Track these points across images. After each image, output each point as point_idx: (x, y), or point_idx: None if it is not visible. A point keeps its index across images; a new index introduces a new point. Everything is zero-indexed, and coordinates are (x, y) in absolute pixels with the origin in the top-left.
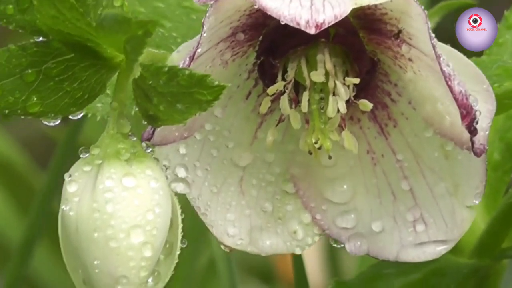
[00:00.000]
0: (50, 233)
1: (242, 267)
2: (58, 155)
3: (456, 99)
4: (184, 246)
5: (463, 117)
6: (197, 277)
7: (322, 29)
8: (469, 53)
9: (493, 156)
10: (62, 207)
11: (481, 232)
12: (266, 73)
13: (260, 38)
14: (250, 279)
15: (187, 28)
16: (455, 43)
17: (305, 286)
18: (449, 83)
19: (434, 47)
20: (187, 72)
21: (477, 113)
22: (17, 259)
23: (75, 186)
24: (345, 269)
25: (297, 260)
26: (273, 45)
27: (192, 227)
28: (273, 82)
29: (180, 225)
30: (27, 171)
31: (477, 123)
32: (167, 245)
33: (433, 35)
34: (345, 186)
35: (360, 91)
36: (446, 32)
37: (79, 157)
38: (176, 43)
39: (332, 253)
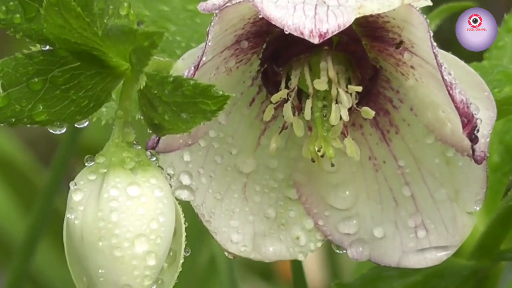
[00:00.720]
0: (52, 230)
1: (242, 264)
2: (61, 154)
3: (457, 108)
4: (188, 254)
5: (464, 126)
6: (198, 274)
7: (325, 38)
8: (470, 55)
9: (492, 158)
10: (68, 215)
11: (480, 234)
12: (269, 80)
13: (264, 45)
14: (250, 276)
15: (191, 31)
16: (454, 44)
17: (303, 283)
18: (451, 91)
19: (436, 56)
20: (192, 82)
21: (478, 121)
22: (20, 256)
23: (80, 194)
24: (343, 267)
25: (296, 260)
26: (277, 53)
27: (193, 225)
28: (277, 89)
29: (184, 234)
30: (30, 170)
31: (478, 131)
32: (171, 253)
33: (435, 44)
34: (347, 192)
35: (363, 98)
36: (445, 33)
37: (81, 156)
38: (180, 47)
39: (330, 251)
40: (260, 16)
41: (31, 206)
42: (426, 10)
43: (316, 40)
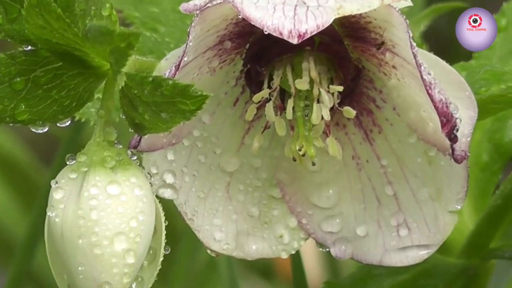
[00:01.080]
0: None
1: (241, 262)
2: (62, 153)
3: (436, 107)
4: (167, 252)
5: (443, 125)
6: (197, 272)
7: (304, 39)
8: (466, 54)
9: (482, 157)
10: (48, 213)
11: (470, 232)
12: (252, 81)
13: (247, 46)
14: (249, 274)
15: (181, 33)
16: (451, 44)
17: (303, 281)
18: (430, 91)
19: (415, 56)
20: (170, 82)
21: (458, 120)
22: (21, 255)
23: (61, 193)
24: (343, 265)
25: (296, 256)
26: (260, 53)
27: None
28: (260, 89)
29: (164, 232)
30: (31, 169)
31: (457, 130)
32: (151, 252)
33: (414, 44)
34: (330, 191)
35: (346, 98)
36: (442, 34)
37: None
38: (169, 48)
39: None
40: (241, 17)
41: (32, 204)
42: (419, 10)
43: (295, 41)
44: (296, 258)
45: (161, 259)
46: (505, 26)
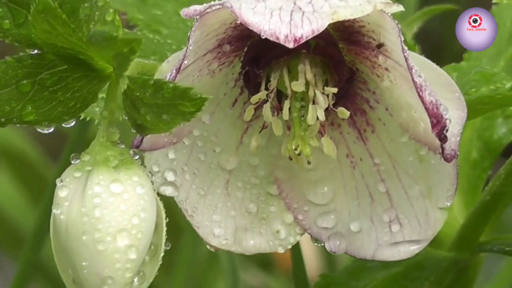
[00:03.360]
0: None
1: (242, 254)
2: (69, 148)
3: (426, 109)
4: (168, 248)
5: (433, 126)
6: (200, 263)
7: (300, 43)
8: (459, 56)
9: (472, 154)
10: (54, 210)
11: (460, 226)
12: (250, 82)
13: (245, 49)
14: (250, 266)
15: (183, 34)
16: (445, 45)
17: (303, 273)
18: (421, 93)
19: (406, 59)
20: (171, 85)
21: (447, 121)
22: (30, 246)
23: (66, 191)
24: (339, 258)
25: (295, 249)
26: (257, 56)
27: None
28: (257, 90)
29: (165, 228)
30: (40, 163)
31: (447, 131)
32: (152, 247)
33: (406, 47)
34: (325, 188)
35: (340, 99)
36: (434, 35)
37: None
38: (171, 49)
39: None
40: (239, 21)
41: (41, 198)
42: (412, 12)
43: (291, 45)
44: (296, 251)
45: (162, 254)
46: None
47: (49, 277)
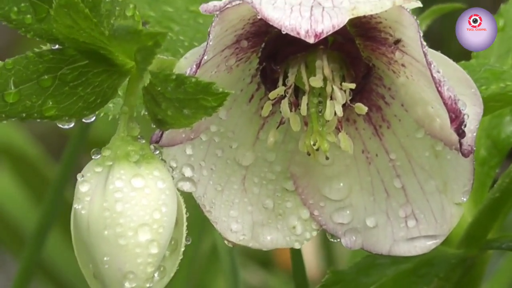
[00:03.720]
0: (62, 221)
1: (242, 252)
2: (70, 148)
3: (445, 104)
4: (188, 242)
5: (452, 121)
6: (201, 261)
7: (320, 38)
8: (459, 54)
9: (480, 152)
10: (75, 205)
11: (468, 224)
12: (267, 78)
13: (263, 45)
14: (250, 263)
15: (194, 31)
16: (444, 43)
17: (302, 270)
18: (439, 88)
19: (425, 54)
20: (193, 79)
21: (465, 116)
22: (32, 245)
23: (87, 186)
24: (338, 255)
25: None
26: (275, 52)
27: (196, 215)
28: (274, 86)
29: (185, 223)
30: (41, 163)
31: (465, 126)
32: (173, 242)
33: (424, 43)
34: (341, 184)
35: (356, 95)
36: (435, 34)
37: (90, 150)
38: (183, 46)
39: (326, 240)
40: (259, 17)
41: (42, 197)
42: (417, 11)
43: (311, 40)
44: (295, 250)
45: (183, 249)
46: (502, 27)
47: (50, 274)
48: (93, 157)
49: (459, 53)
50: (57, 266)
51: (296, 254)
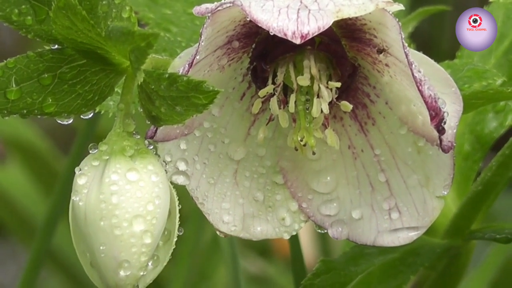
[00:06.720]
0: None
1: (242, 242)
2: (78, 142)
3: (426, 102)
4: (181, 233)
5: (432, 118)
6: (202, 250)
7: (306, 39)
8: (447, 54)
9: (464, 147)
10: (73, 197)
11: (453, 215)
12: (258, 77)
13: (253, 45)
14: (249, 253)
15: (191, 32)
16: (433, 44)
17: (300, 259)
18: (420, 87)
19: (407, 55)
20: (185, 78)
21: (445, 114)
22: (42, 235)
23: (85, 179)
24: (334, 245)
25: (293, 237)
26: (265, 52)
27: (197, 207)
28: (265, 85)
29: (178, 215)
30: (51, 157)
31: (445, 123)
32: (166, 233)
33: (406, 44)
34: (328, 178)
35: (343, 93)
36: (424, 35)
37: (97, 144)
38: (180, 47)
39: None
40: (249, 19)
41: (51, 189)
42: (405, 13)
43: (298, 41)
44: (294, 239)
45: (175, 239)
46: None
47: (60, 264)
48: (90, 151)
49: (448, 53)
50: (66, 256)
51: (295, 243)
